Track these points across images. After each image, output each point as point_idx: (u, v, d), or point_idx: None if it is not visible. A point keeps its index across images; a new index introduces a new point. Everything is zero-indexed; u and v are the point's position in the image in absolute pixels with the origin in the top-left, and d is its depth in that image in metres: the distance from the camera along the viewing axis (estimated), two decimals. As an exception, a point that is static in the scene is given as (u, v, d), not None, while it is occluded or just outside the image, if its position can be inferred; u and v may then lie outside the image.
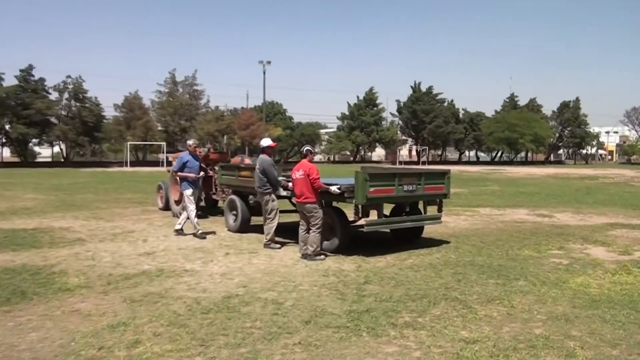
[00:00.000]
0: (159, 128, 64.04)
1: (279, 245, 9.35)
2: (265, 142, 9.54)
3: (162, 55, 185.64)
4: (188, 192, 10.45)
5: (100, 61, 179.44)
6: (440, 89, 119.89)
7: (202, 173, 10.90)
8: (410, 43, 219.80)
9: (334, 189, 8.52)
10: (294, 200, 8.99)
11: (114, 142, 64.98)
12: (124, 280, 6.99)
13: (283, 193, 9.68)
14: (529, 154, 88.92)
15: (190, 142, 10.85)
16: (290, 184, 9.12)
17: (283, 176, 9.78)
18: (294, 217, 13.25)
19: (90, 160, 62.30)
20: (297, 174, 8.55)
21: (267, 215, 9.32)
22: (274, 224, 9.30)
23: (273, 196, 9.33)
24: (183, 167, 10.50)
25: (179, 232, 10.64)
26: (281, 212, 13.04)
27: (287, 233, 10.45)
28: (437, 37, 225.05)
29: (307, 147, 8.91)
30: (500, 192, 23.06)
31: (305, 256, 8.38)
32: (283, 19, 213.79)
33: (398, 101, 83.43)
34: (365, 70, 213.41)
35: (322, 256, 8.40)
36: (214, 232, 10.91)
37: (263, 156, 9.34)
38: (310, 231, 8.43)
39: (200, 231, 10.35)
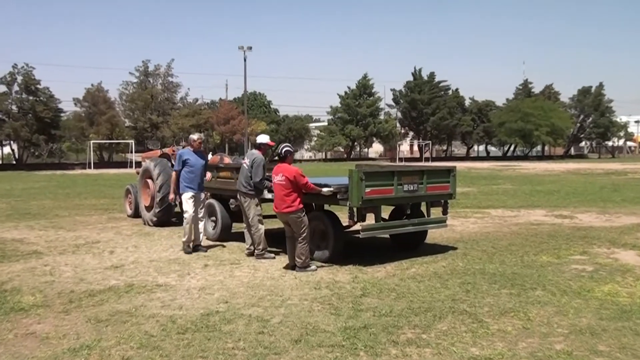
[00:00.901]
0: (127, 124, 63.85)
1: (273, 255, 9.32)
2: (263, 138, 9.55)
3: (127, 42, 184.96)
4: (186, 195, 9.80)
5: (55, 49, 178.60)
6: (443, 76, 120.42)
7: (208, 175, 10.29)
8: (409, 25, 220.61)
9: (326, 190, 8.50)
10: (273, 209, 8.80)
11: (74, 141, 64.68)
12: (87, 298, 6.95)
13: (268, 196, 9.64)
14: (546, 148, 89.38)
15: (194, 136, 10.21)
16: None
17: (268, 175, 9.75)
18: (279, 223, 13.24)
19: (48, 162, 61.88)
20: (276, 178, 8.40)
21: (251, 222, 9.29)
22: (262, 230, 9.27)
23: (257, 200, 9.31)
24: (183, 166, 9.84)
25: (197, 247, 9.96)
26: (266, 217, 13.05)
27: (272, 241, 10.40)
28: (439, 17, 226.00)
29: (286, 147, 8.64)
30: (514, 190, 23.16)
31: (294, 268, 8.36)
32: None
33: (394, 90, 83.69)
34: (359, 57, 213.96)
35: (314, 267, 8.39)
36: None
37: (256, 152, 9.30)
38: (297, 242, 8.38)
39: (188, 244, 9.79)
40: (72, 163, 60.30)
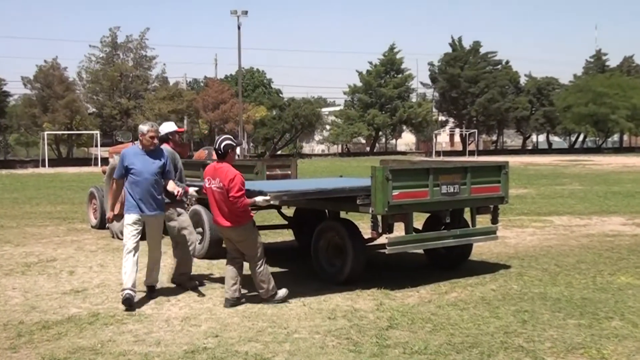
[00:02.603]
0: (90, 110, 64.16)
1: (196, 283, 9.01)
2: (168, 126, 9.35)
3: (90, 8, 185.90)
4: (127, 218, 8.34)
5: None
6: (491, 47, 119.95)
7: (177, 189, 8.47)
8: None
9: (260, 199, 8.09)
10: (212, 222, 8.44)
11: (24, 132, 65.06)
12: (41, 331, 6.99)
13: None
14: (625, 137, 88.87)
15: (144, 127, 8.48)
16: (192, 190, 8.60)
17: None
18: (284, 235, 13.26)
19: (-9, 159, 62.39)
20: (213, 184, 7.94)
21: (176, 238, 9.02)
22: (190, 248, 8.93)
23: (179, 209, 8.99)
24: (125, 173, 8.41)
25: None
26: (265, 227, 13.07)
27: (279, 256, 10.43)
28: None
29: (227, 141, 8.06)
30: (584, 192, 23.07)
31: (266, 300, 8.03)
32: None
33: (431, 64, 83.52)
34: (384, 23, 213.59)
35: (284, 291, 8.11)
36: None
37: (165, 147, 9.05)
38: (252, 267, 8.05)
39: (127, 292, 8.06)
40: (22, 160, 60.64)
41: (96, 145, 54.06)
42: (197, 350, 6.25)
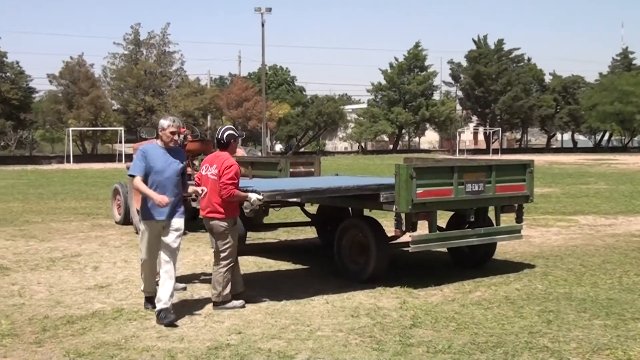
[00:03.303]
0: (115, 107, 64.55)
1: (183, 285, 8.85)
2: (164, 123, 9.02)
3: (115, 4, 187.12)
4: (144, 224, 7.62)
5: (25, 14, 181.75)
6: (515, 44, 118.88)
7: (198, 189, 7.90)
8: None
9: (254, 197, 7.89)
10: (201, 213, 8.19)
11: (49, 128, 65.63)
12: (65, 326, 7.04)
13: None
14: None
15: (165, 122, 7.58)
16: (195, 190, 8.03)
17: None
18: (306, 232, 13.26)
19: (17, 154, 63.00)
20: (209, 171, 7.84)
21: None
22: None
23: None
24: (148, 171, 7.42)
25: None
26: (288, 224, 13.08)
27: (302, 254, 10.43)
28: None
29: (229, 131, 8.04)
30: (609, 192, 22.87)
31: (215, 304, 7.78)
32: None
33: (452, 62, 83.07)
34: (408, 20, 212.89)
35: (241, 301, 7.86)
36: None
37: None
38: (215, 265, 7.88)
39: (149, 294, 7.80)
40: (47, 156, 61.17)
41: (120, 142, 54.44)
42: (220, 347, 6.27)
